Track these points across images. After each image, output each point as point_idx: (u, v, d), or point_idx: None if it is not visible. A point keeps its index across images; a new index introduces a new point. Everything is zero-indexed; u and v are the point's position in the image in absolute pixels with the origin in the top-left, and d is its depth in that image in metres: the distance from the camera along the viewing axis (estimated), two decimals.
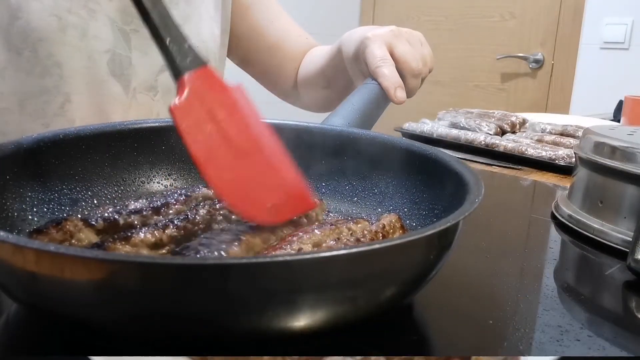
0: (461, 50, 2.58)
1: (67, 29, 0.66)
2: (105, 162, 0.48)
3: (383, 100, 0.63)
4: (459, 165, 0.42)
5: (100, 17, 0.68)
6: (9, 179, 0.41)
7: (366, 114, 0.59)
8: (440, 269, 0.35)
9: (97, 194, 0.47)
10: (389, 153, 0.49)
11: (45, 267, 0.27)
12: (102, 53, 0.69)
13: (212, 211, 0.39)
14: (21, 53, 0.65)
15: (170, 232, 0.36)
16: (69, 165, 0.46)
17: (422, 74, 0.70)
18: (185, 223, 0.37)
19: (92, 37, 0.68)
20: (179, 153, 0.52)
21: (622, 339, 0.38)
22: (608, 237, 0.54)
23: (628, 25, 2.10)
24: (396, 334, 0.35)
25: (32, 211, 0.42)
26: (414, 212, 0.46)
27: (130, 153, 0.50)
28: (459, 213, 0.33)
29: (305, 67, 0.91)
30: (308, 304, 0.28)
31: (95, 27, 0.68)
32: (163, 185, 0.51)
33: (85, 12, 0.67)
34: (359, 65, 0.71)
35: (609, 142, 0.57)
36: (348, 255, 0.28)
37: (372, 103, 0.61)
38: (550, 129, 1.06)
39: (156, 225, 0.36)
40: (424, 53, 0.71)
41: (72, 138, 0.46)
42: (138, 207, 0.40)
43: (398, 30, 0.70)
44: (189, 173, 0.52)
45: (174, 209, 0.41)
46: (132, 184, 0.50)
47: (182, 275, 0.26)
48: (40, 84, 0.66)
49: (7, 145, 0.42)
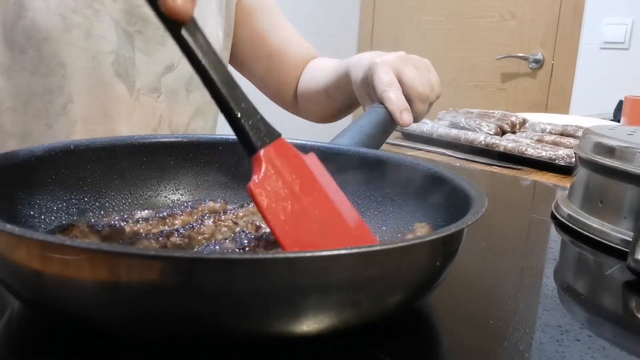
0: (461, 50, 2.58)
1: (72, 29, 0.66)
2: (114, 174, 0.49)
3: (390, 123, 0.64)
4: (463, 182, 0.42)
5: (104, 18, 0.68)
6: (19, 185, 0.42)
7: (373, 136, 0.60)
8: (446, 276, 0.35)
9: (105, 205, 0.48)
10: (393, 171, 0.50)
11: (49, 260, 0.28)
12: (107, 54, 0.69)
13: (216, 222, 0.39)
14: (25, 52, 0.65)
15: (174, 240, 0.36)
16: (78, 175, 0.47)
17: (430, 98, 0.71)
18: (189, 232, 0.37)
19: (97, 37, 0.68)
20: (187, 168, 0.52)
21: (622, 339, 0.38)
22: (608, 237, 0.54)
23: (628, 25, 2.10)
24: (396, 335, 0.35)
25: (40, 218, 0.43)
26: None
27: (140, 166, 0.51)
28: (462, 222, 0.33)
29: (307, 80, 0.91)
30: (311, 306, 0.28)
31: (99, 28, 0.68)
32: (170, 199, 0.52)
33: (90, 12, 0.67)
34: (367, 89, 0.72)
35: (609, 142, 0.57)
36: (350, 255, 0.28)
37: (379, 126, 0.62)
38: (550, 129, 1.07)
39: (161, 233, 0.36)
40: (431, 79, 0.72)
41: (83, 149, 0.47)
42: (144, 216, 0.40)
43: (406, 56, 0.71)
44: (196, 188, 0.53)
45: (179, 219, 0.41)
46: (140, 197, 0.50)
47: (181, 269, 0.26)
48: (43, 83, 0.66)
49: (19, 152, 0.42)
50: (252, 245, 0.35)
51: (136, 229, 0.38)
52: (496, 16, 2.49)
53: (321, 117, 0.93)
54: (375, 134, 0.61)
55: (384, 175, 0.50)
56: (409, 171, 0.49)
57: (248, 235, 0.36)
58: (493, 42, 2.50)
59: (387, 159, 0.51)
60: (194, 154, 0.53)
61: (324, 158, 0.52)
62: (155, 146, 0.51)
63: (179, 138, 0.53)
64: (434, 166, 0.48)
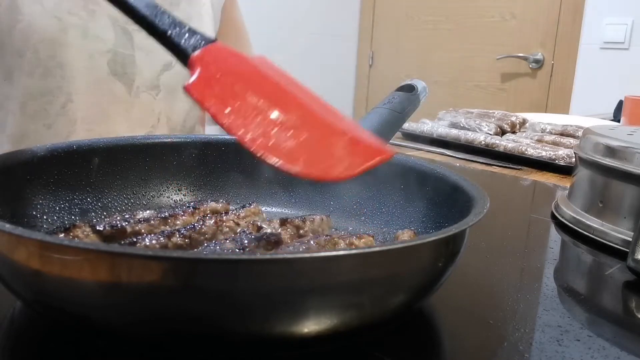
0: (461, 50, 2.58)
1: (68, 30, 0.66)
2: (116, 175, 0.49)
3: (393, 123, 0.64)
4: (465, 183, 0.42)
5: (100, 18, 0.69)
6: (21, 185, 0.42)
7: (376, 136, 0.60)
8: (447, 278, 0.35)
9: (107, 205, 0.48)
10: (396, 172, 0.50)
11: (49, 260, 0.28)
12: (104, 53, 0.69)
13: (218, 222, 0.40)
14: (23, 55, 0.65)
15: (175, 240, 0.36)
16: (80, 175, 0.47)
17: None
18: (191, 232, 0.37)
19: (93, 37, 0.68)
20: (189, 169, 0.53)
21: (622, 339, 0.38)
22: (608, 237, 0.54)
23: (628, 25, 2.10)
24: (396, 335, 0.35)
25: (42, 218, 0.43)
26: (420, 231, 0.46)
27: (142, 167, 0.51)
28: (464, 223, 0.33)
29: None
30: (312, 307, 0.28)
31: (95, 28, 0.68)
32: (173, 200, 0.52)
33: (85, 12, 0.68)
34: None
35: (609, 142, 0.57)
36: (351, 255, 0.28)
37: (382, 127, 0.62)
38: (550, 129, 1.07)
39: (162, 233, 0.36)
40: None
41: (85, 149, 0.47)
42: (146, 217, 0.40)
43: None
44: (199, 189, 0.53)
45: (181, 219, 0.41)
46: (143, 197, 0.50)
47: (180, 269, 0.26)
48: (42, 85, 0.66)
49: (22, 152, 0.42)
50: (252, 245, 0.35)
51: (137, 229, 0.38)
52: (496, 16, 2.49)
53: None
54: (378, 134, 0.61)
55: (385, 176, 0.50)
56: (410, 171, 0.49)
57: (248, 236, 0.37)
58: (493, 42, 2.50)
59: (395, 160, 0.51)
60: (196, 155, 0.53)
61: None
62: (158, 147, 0.52)
63: (181, 139, 0.53)
64: (435, 166, 0.48)
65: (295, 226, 0.41)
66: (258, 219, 0.43)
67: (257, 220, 0.42)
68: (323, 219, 0.43)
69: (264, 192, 0.53)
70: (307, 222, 0.42)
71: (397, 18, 2.78)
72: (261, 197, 0.53)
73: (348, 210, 0.52)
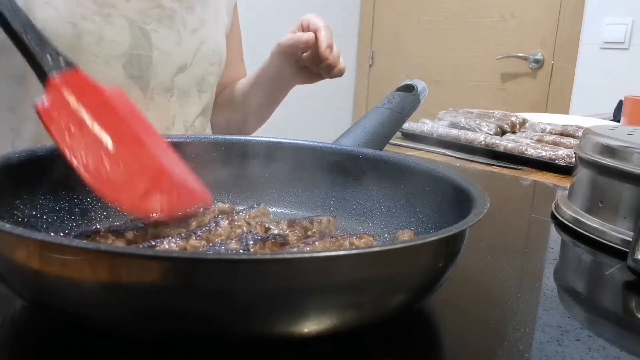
0: (461, 50, 2.58)
1: (82, 36, 0.66)
2: None
3: (393, 123, 0.64)
4: (466, 183, 0.42)
5: (116, 21, 0.69)
6: (22, 185, 0.42)
7: (376, 137, 0.60)
8: (447, 278, 0.35)
9: (107, 205, 0.48)
10: (396, 172, 0.50)
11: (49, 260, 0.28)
12: (119, 56, 0.70)
13: (231, 223, 0.40)
14: None
15: (192, 242, 0.37)
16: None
17: (329, 27, 0.85)
18: (207, 234, 0.38)
19: (109, 42, 0.68)
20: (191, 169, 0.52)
21: (622, 339, 0.38)
22: (608, 237, 0.54)
23: (628, 25, 2.10)
24: (396, 335, 0.35)
25: (42, 218, 0.43)
26: (420, 231, 0.46)
27: None
28: (464, 223, 0.33)
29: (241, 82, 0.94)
30: (312, 307, 0.28)
31: (111, 32, 0.68)
32: None
33: (99, 17, 0.68)
34: (286, 53, 0.82)
35: (609, 142, 0.57)
36: (351, 255, 0.28)
37: (382, 127, 0.62)
38: (550, 129, 1.07)
39: (179, 236, 0.37)
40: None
41: None
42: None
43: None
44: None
45: (195, 220, 0.42)
46: None
47: (180, 269, 0.26)
48: None
49: (22, 152, 0.42)
50: (257, 246, 0.35)
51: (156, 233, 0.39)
52: (496, 16, 2.49)
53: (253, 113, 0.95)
54: (378, 134, 0.61)
55: (386, 176, 0.50)
56: (410, 171, 0.49)
57: (254, 237, 0.37)
58: (493, 42, 2.50)
59: (389, 159, 0.51)
60: (197, 155, 0.53)
61: (327, 158, 0.53)
62: None
63: (182, 139, 0.53)
64: (435, 166, 0.48)
65: (303, 227, 0.41)
66: (266, 219, 0.43)
67: (265, 221, 0.43)
68: (330, 220, 0.44)
69: (264, 192, 0.53)
70: (314, 223, 0.42)
71: (397, 18, 2.78)
72: (261, 197, 0.53)
73: (348, 211, 0.52)
